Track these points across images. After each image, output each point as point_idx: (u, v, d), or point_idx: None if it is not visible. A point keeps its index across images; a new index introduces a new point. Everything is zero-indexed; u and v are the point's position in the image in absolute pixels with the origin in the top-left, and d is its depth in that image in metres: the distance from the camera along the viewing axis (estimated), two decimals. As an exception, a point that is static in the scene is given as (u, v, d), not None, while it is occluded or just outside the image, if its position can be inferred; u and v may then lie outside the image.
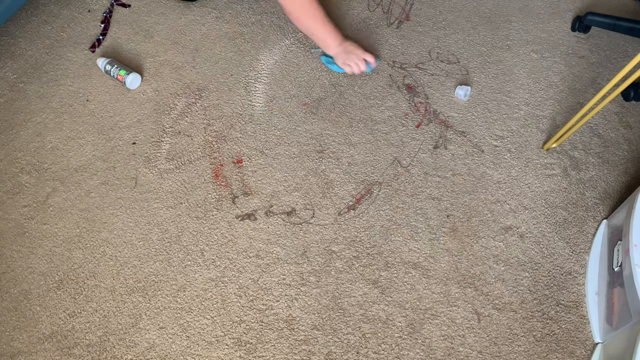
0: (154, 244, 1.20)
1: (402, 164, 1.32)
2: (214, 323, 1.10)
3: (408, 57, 1.52)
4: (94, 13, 1.63)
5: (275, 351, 1.07)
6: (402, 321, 1.10)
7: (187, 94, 1.45)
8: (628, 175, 1.30)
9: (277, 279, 1.15)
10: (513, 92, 1.44)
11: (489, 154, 1.33)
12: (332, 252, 1.19)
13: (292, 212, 1.25)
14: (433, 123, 1.38)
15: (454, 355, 1.06)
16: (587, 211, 1.25)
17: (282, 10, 1.64)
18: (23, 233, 1.22)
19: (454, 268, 1.16)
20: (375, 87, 1.46)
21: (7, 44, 1.56)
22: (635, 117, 1.39)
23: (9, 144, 1.36)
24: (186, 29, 1.60)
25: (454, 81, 1.46)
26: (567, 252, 1.19)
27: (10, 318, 1.11)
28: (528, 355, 1.06)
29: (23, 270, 1.17)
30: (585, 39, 1.56)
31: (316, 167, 1.31)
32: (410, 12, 1.64)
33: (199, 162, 1.32)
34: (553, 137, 1.31)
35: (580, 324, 1.10)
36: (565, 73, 1.48)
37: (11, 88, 1.46)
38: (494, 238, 1.20)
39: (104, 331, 1.09)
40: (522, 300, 1.13)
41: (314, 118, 1.40)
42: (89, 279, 1.16)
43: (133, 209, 1.25)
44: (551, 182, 1.29)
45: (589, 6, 1.64)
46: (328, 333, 1.09)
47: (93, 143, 1.36)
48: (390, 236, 1.21)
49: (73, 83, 1.47)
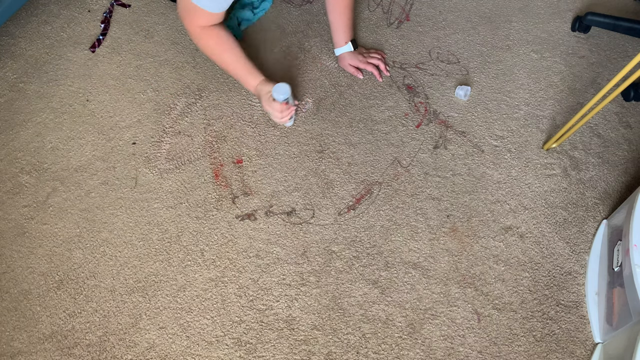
0: (154, 244, 1.20)
1: (402, 164, 1.32)
2: (214, 323, 1.10)
3: (408, 57, 1.52)
4: (94, 13, 1.63)
5: (275, 351, 1.07)
6: (402, 321, 1.10)
7: (187, 94, 1.45)
8: (628, 175, 1.30)
9: (277, 279, 1.15)
10: (513, 92, 1.44)
11: (489, 154, 1.33)
12: (332, 252, 1.19)
13: (292, 212, 1.25)
14: (433, 123, 1.39)
15: (454, 355, 1.06)
16: (587, 211, 1.25)
17: (282, 10, 1.64)
18: (23, 233, 1.22)
19: (454, 268, 1.16)
20: (375, 87, 1.46)
21: (7, 44, 1.56)
22: (635, 117, 1.39)
23: (9, 144, 1.36)
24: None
25: (454, 81, 1.46)
26: (567, 252, 1.19)
27: (10, 318, 1.11)
28: (528, 355, 1.06)
29: (23, 270, 1.17)
30: (585, 39, 1.56)
31: (316, 167, 1.31)
32: (410, 12, 1.64)
33: (199, 162, 1.32)
34: (553, 137, 1.31)
35: (580, 324, 1.10)
36: (565, 73, 1.48)
37: (11, 88, 1.46)
38: (494, 238, 1.20)
39: (104, 331, 1.09)
40: (522, 300, 1.13)
41: (314, 118, 1.40)
42: (89, 279, 1.16)
43: (133, 209, 1.25)
44: (551, 182, 1.29)
45: (589, 6, 1.64)
46: (328, 333, 1.09)
47: (93, 143, 1.36)
48: (390, 236, 1.21)
49: (73, 83, 1.47)
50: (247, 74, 1.31)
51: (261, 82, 1.30)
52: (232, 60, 1.30)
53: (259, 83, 1.30)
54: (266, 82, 1.30)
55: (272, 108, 1.27)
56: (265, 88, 1.28)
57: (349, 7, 1.38)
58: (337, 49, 1.46)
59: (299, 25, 1.60)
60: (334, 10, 1.38)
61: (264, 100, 1.29)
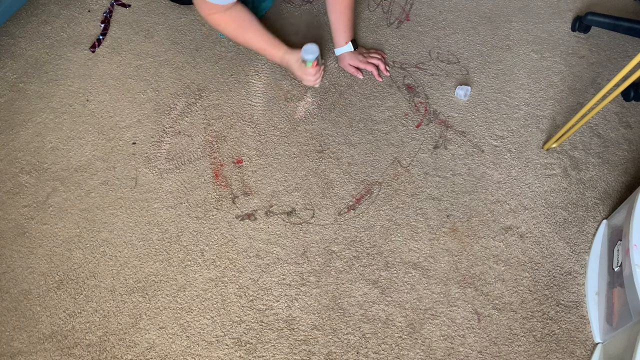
0: (154, 244, 1.20)
1: (402, 164, 1.32)
2: (214, 323, 1.10)
3: (408, 57, 1.52)
4: (94, 13, 1.63)
5: (275, 351, 1.07)
6: (402, 321, 1.10)
7: (187, 94, 1.45)
8: (628, 175, 1.30)
9: (277, 279, 1.15)
10: (513, 92, 1.44)
11: (489, 154, 1.33)
12: (332, 252, 1.19)
13: (292, 212, 1.25)
14: (433, 123, 1.39)
15: (454, 355, 1.06)
16: (587, 211, 1.25)
17: (282, 10, 1.64)
18: (23, 233, 1.22)
19: (454, 268, 1.16)
20: (375, 87, 1.46)
21: (7, 44, 1.56)
22: (635, 117, 1.39)
23: (9, 144, 1.36)
24: (186, 29, 1.60)
25: (454, 81, 1.46)
26: (567, 252, 1.19)
27: (10, 318, 1.11)
28: (528, 355, 1.06)
29: (23, 270, 1.17)
30: (585, 39, 1.56)
31: (316, 167, 1.31)
32: (410, 12, 1.64)
33: (199, 162, 1.32)
34: (553, 137, 1.31)
35: (580, 324, 1.10)
36: (565, 73, 1.48)
37: (11, 88, 1.46)
38: (494, 238, 1.20)
39: (104, 331, 1.09)
40: (522, 300, 1.13)
41: (314, 118, 1.40)
42: (89, 279, 1.16)
43: (133, 209, 1.25)
44: (551, 182, 1.29)
45: (589, 6, 1.64)
46: (328, 333, 1.09)
47: (93, 143, 1.36)
48: (390, 236, 1.21)
49: (73, 83, 1.47)
50: (272, 47, 1.36)
51: (286, 51, 1.35)
52: (256, 38, 1.34)
53: (285, 52, 1.35)
54: (291, 51, 1.35)
55: (305, 73, 1.34)
56: (293, 56, 1.34)
57: (349, 7, 1.38)
58: (337, 49, 1.46)
59: (299, 25, 1.60)
60: (334, 10, 1.38)
61: (295, 68, 1.35)
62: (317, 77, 1.37)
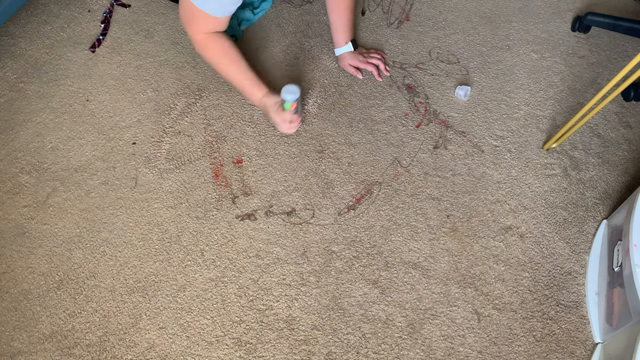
0: (154, 244, 1.20)
1: (402, 164, 1.32)
2: (214, 323, 1.10)
3: (408, 57, 1.52)
4: (94, 13, 1.63)
5: (275, 351, 1.07)
6: (402, 321, 1.10)
7: (187, 94, 1.45)
8: (628, 175, 1.30)
9: (277, 279, 1.15)
10: (513, 92, 1.44)
11: (489, 154, 1.33)
12: (332, 252, 1.19)
13: (292, 212, 1.25)
14: (433, 123, 1.39)
15: (454, 355, 1.06)
16: (587, 211, 1.25)
17: (282, 10, 1.64)
18: (23, 233, 1.22)
19: (454, 268, 1.16)
20: (375, 87, 1.46)
21: (7, 44, 1.56)
22: (635, 117, 1.39)
23: (9, 144, 1.36)
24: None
25: (454, 81, 1.46)
26: (567, 252, 1.19)
27: (10, 318, 1.11)
28: (528, 355, 1.06)
29: (23, 270, 1.17)
30: (585, 39, 1.56)
31: (316, 167, 1.31)
32: (410, 12, 1.64)
33: (199, 162, 1.32)
34: (553, 137, 1.31)
35: (580, 324, 1.10)
36: (565, 73, 1.48)
37: (11, 88, 1.46)
38: (494, 238, 1.20)
39: (104, 331, 1.09)
40: (522, 300, 1.13)
41: (314, 118, 1.40)
42: (89, 279, 1.16)
43: (133, 209, 1.25)
44: (551, 182, 1.29)
45: (589, 6, 1.64)
46: (328, 333, 1.09)
47: (93, 143, 1.36)
48: (390, 236, 1.21)
49: (73, 83, 1.47)
50: (253, 86, 1.30)
51: (266, 94, 1.30)
52: (238, 72, 1.29)
53: (264, 95, 1.30)
54: (271, 93, 1.30)
55: (282, 118, 1.27)
56: (272, 99, 1.28)
57: (349, 8, 1.38)
58: (337, 49, 1.46)
59: (299, 25, 1.60)
60: (334, 10, 1.38)
61: (272, 112, 1.29)
62: (293, 124, 1.29)
